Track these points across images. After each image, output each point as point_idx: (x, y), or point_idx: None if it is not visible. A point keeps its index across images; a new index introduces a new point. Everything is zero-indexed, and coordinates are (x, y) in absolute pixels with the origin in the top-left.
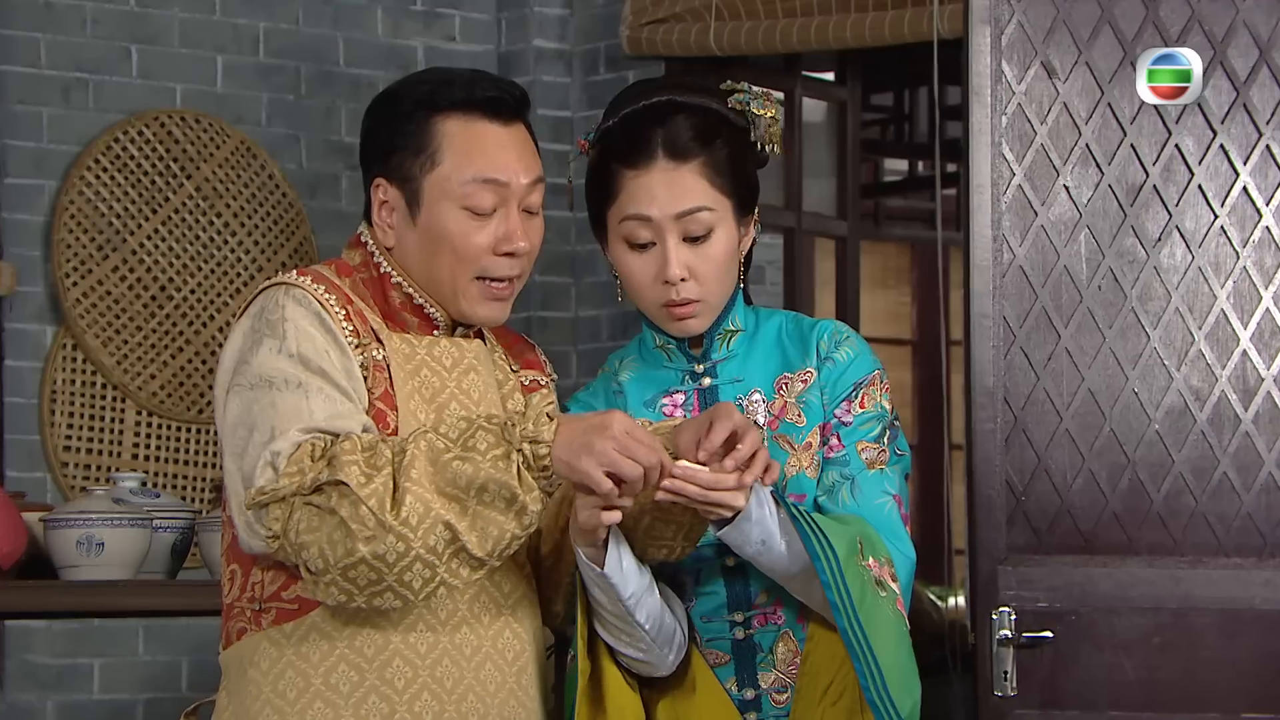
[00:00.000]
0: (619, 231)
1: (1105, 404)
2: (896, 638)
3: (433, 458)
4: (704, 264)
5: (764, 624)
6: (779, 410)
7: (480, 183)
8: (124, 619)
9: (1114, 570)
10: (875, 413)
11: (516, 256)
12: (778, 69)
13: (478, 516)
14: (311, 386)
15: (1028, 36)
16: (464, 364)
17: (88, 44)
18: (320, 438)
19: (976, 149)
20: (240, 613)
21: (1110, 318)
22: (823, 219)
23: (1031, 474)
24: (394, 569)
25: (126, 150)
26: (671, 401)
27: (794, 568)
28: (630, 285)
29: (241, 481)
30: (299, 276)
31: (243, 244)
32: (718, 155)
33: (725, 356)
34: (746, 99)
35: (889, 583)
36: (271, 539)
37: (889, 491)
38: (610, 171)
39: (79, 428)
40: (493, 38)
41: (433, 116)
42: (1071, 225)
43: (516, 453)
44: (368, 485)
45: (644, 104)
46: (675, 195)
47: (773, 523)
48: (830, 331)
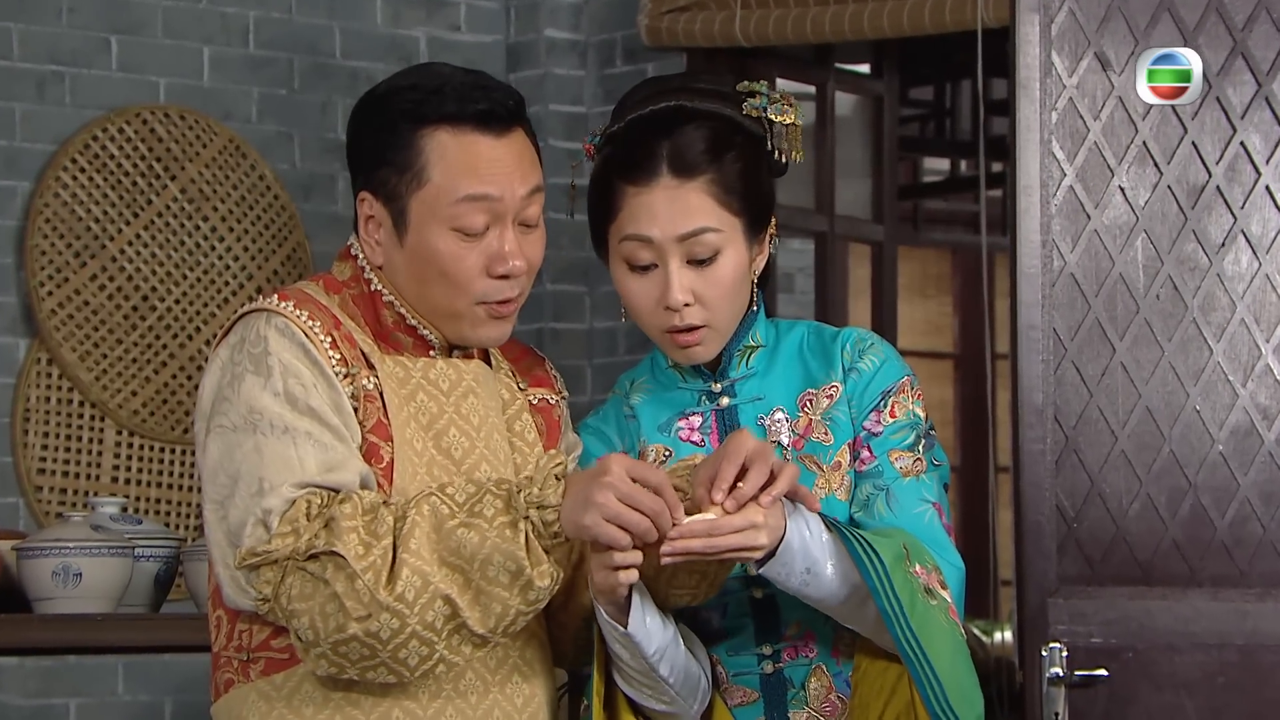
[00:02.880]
0: (619, 251)
1: (1164, 423)
2: (952, 646)
3: (436, 524)
4: (710, 288)
5: (794, 657)
6: (804, 429)
7: (470, 201)
8: (103, 655)
9: (1174, 603)
10: (907, 421)
11: (514, 278)
12: (808, 61)
13: (480, 591)
14: (300, 431)
15: (1080, 25)
16: (462, 387)
17: (64, 34)
18: (316, 493)
19: (1024, 147)
20: (228, 663)
21: (1170, 330)
22: (857, 223)
23: (1084, 499)
24: (388, 646)
25: (106, 149)
26: (688, 424)
27: (844, 590)
28: (631, 309)
29: (225, 536)
30: (280, 301)
31: (231, 250)
32: (728, 171)
33: (744, 374)
34: (764, 104)
35: (938, 590)
36: (261, 602)
37: (927, 500)
38: (611, 186)
39: (54, 449)
40: (501, 27)
41: (420, 129)
42: (1127, 230)
43: (524, 520)
44: (365, 557)
45: (651, 110)
46: (678, 215)
47: (817, 548)
48: (853, 340)
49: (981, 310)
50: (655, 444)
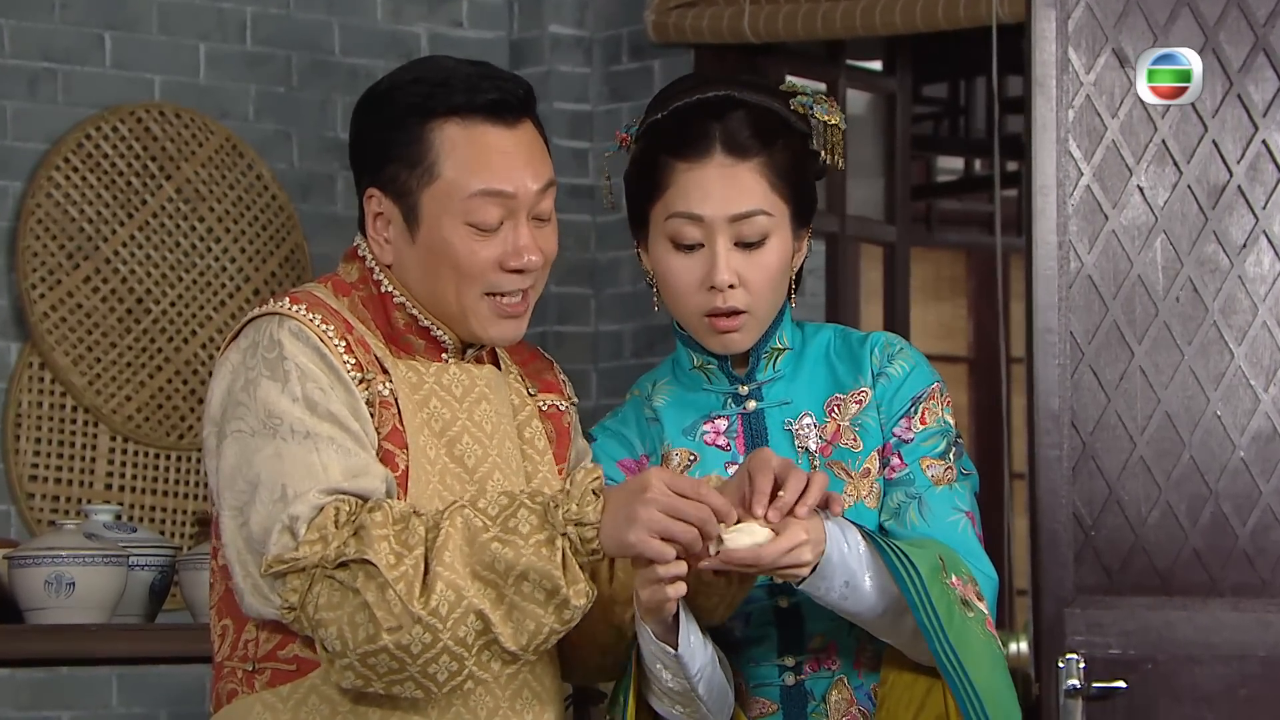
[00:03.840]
0: (664, 229)
1: (1184, 429)
2: (990, 659)
3: (469, 537)
4: (755, 272)
5: (816, 670)
6: (831, 435)
7: (484, 196)
8: (96, 667)
9: (1195, 613)
10: (938, 428)
11: (528, 272)
12: (819, 57)
13: (514, 607)
14: (321, 436)
15: (1097, 21)
16: (475, 393)
17: (56, 30)
18: (344, 500)
19: (1040, 146)
20: (231, 673)
21: (1190, 333)
22: (869, 223)
23: (1102, 506)
24: (418, 660)
25: (99, 148)
26: (713, 428)
27: (882, 603)
28: (670, 290)
29: (246, 543)
30: (292, 304)
31: (228, 252)
32: (778, 158)
33: (772, 377)
34: (809, 103)
35: (975, 602)
36: (287, 610)
37: (960, 508)
38: (659, 163)
39: (47, 455)
40: (504, 23)
41: (428, 123)
42: (1146, 230)
43: (562, 537)
44: (397, 567)
45: (699, 97)
46: (732, 194)
47: (855, 560)
48: (882, 344)
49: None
50: (680, 448)
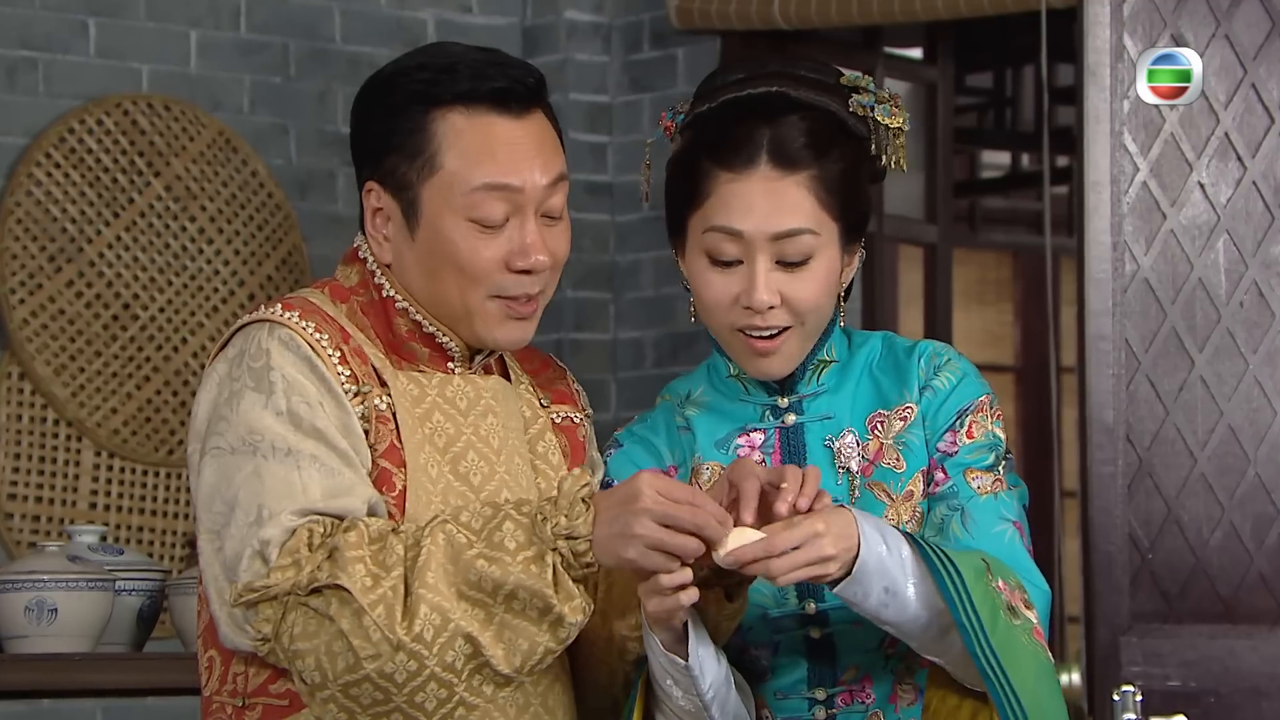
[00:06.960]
0: (701, 242)
1: (1249, 443)
2: (1036, 669)
3: (453, 554)
4: (796, 292)
5: (849, 703)
6: (874, 454)
7: (488, 190)
8: (80, 699)
9: (1260, 642)
10: (986, 441)
11: (536, 273)
12: (855, 45)
13: (505, 626)
14: (304, 454)
15: (1155, 4)
16: (480, 405)
17: (37, 17)
18: (318, 521)
19: (1093, 139)
20: (220, 709)
21: (1255, 340)
22: (908, 223)
23: (1160, 527)
24: (404, 689)
25: (83, 143)
26: (748, 442)
27: (925, 614)
28: (704, 304)
29: (222, 569)
30: (284, 311)
31: (221, 254)
32: (831, 170)
33: (814, 391)
34: (871, 103)
35: (1022, 610)
36: (261, 642)
37: (1007, 518)
38: (700, 169)
39: (27, 472)
40: (516, 9)
41: (431, 112)
42: (1208, 230)
43: (552, 553)
44: (373, 591)
45: (750, 93)
46: (775, 211)
47: (896, 565)
48: (929, 355)
49: (1045, 319)
50: (711, 461)
